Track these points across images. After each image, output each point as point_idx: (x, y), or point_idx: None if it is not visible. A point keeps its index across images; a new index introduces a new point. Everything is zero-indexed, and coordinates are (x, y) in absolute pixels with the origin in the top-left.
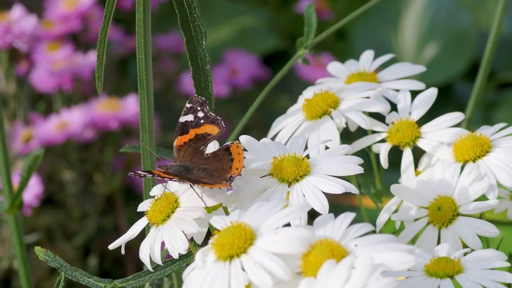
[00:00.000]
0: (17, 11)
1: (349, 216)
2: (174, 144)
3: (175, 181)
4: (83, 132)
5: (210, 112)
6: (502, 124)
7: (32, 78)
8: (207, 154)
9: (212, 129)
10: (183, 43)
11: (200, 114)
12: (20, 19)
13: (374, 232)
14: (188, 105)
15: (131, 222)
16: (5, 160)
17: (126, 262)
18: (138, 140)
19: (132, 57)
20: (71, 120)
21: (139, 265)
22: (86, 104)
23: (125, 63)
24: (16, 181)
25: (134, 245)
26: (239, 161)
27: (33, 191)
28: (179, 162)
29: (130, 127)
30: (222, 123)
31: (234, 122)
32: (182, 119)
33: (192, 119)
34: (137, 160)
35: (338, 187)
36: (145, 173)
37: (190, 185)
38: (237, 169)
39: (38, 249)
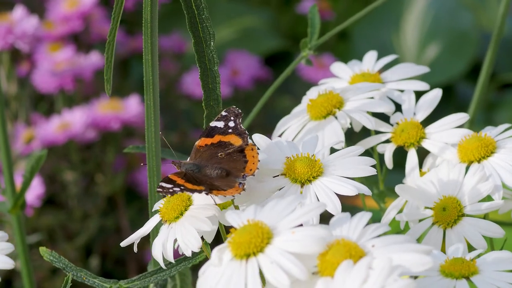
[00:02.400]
0: (18, 11)
1: (365, 216)
2: (196, 143)
3: (197, 192)
4: (85, 133)
5: (241, 125)
6: (506, 125)
7: (34, 79)
8: (221, 155)
9: (236, 140)
10: (185, 44)
11: (231, 124)
12: (21, 19)
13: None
14: (223, 113)
15: (133, 222)
16: (8, 161)
17: (128, 262)
18: (140, 141)
19: (133, 58)
20: (73, 121)
21: (141, 265)
22: (87, 104)
23: (126, 64)
24: (18, 181)
25: None
26: (253, 163)
27: (34, 191)
28: (192, 160)
29: (131, 127)
30: (248, 138)
31: None
32: (213, 123)
33: (222, 126)
34: (138, 161)
35: (351, 189)
36: (171, 186)
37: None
38: (250, 169)
39: (43, 250)
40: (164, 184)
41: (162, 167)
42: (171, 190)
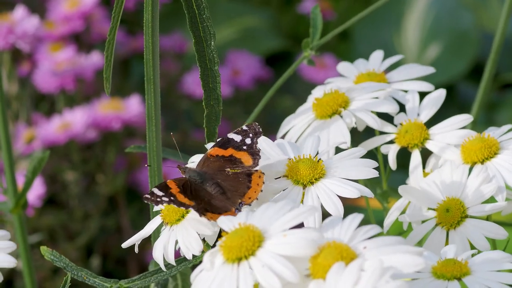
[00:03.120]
0: (19, 11)
1: (357, 217)
2: (208, 151)
3: (184, 207)
4: (86, 133)
5: (257, 145)
6: (509, 126)
7: (35, 79)
8: (227, 172)
9: (247, 160)
10: (185, 44)
11: (248, 141)
12: (22, 19)
13: (381, 233)
14: (244, 128)
15: (134, 222)
16: (9, 161)
17: (129, 262)
18: (140, 141)
19: (134, 58)
20: (74, 121)
21: (142, 266)
22: (88, 104)
23: (127, 64)
24: (19, 181)
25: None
26: (255, 191)
27: (35, 191)
28: (199, 168)
29: (132, 127)
30: (259, 161)
31: (236, 123)
32: (230, 135)
33: (238, 141)
34: (139, 161)
35: (353, 191)
36: (162, 195)
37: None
38: (249, 198)
39: (44, 249)
40: (156, 191)
41: (163, 167)
42: (158, 199)
